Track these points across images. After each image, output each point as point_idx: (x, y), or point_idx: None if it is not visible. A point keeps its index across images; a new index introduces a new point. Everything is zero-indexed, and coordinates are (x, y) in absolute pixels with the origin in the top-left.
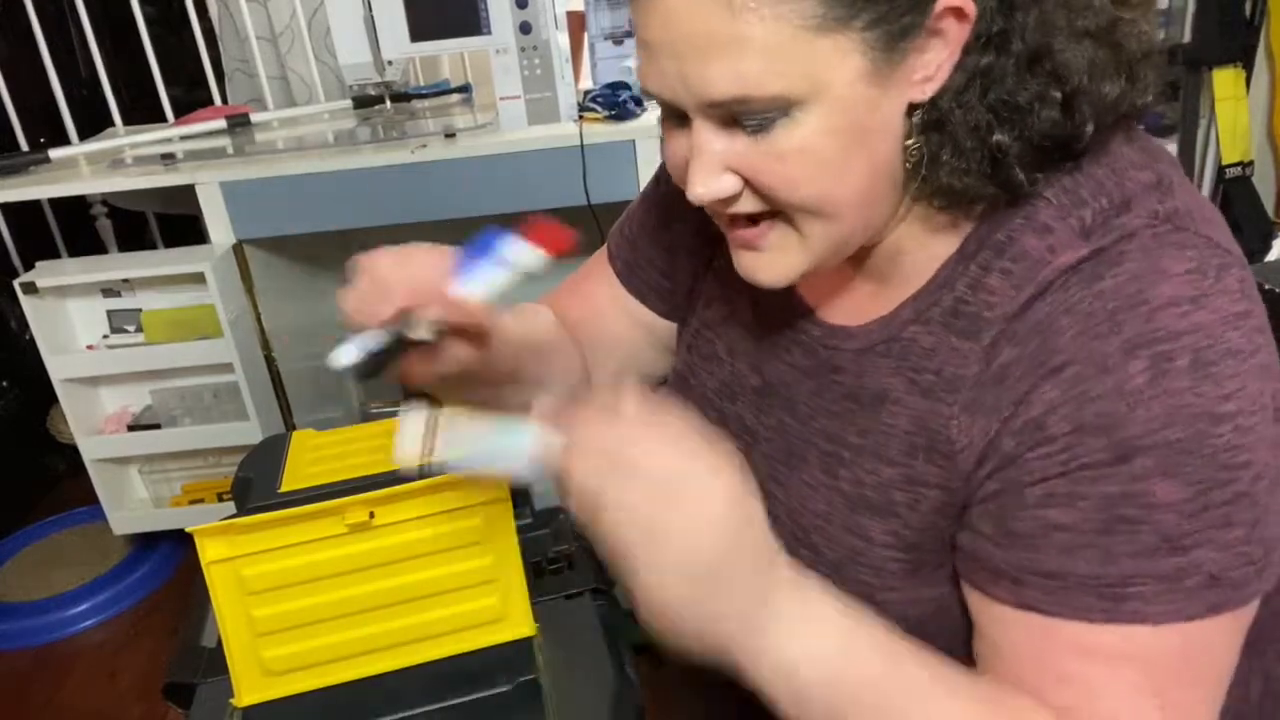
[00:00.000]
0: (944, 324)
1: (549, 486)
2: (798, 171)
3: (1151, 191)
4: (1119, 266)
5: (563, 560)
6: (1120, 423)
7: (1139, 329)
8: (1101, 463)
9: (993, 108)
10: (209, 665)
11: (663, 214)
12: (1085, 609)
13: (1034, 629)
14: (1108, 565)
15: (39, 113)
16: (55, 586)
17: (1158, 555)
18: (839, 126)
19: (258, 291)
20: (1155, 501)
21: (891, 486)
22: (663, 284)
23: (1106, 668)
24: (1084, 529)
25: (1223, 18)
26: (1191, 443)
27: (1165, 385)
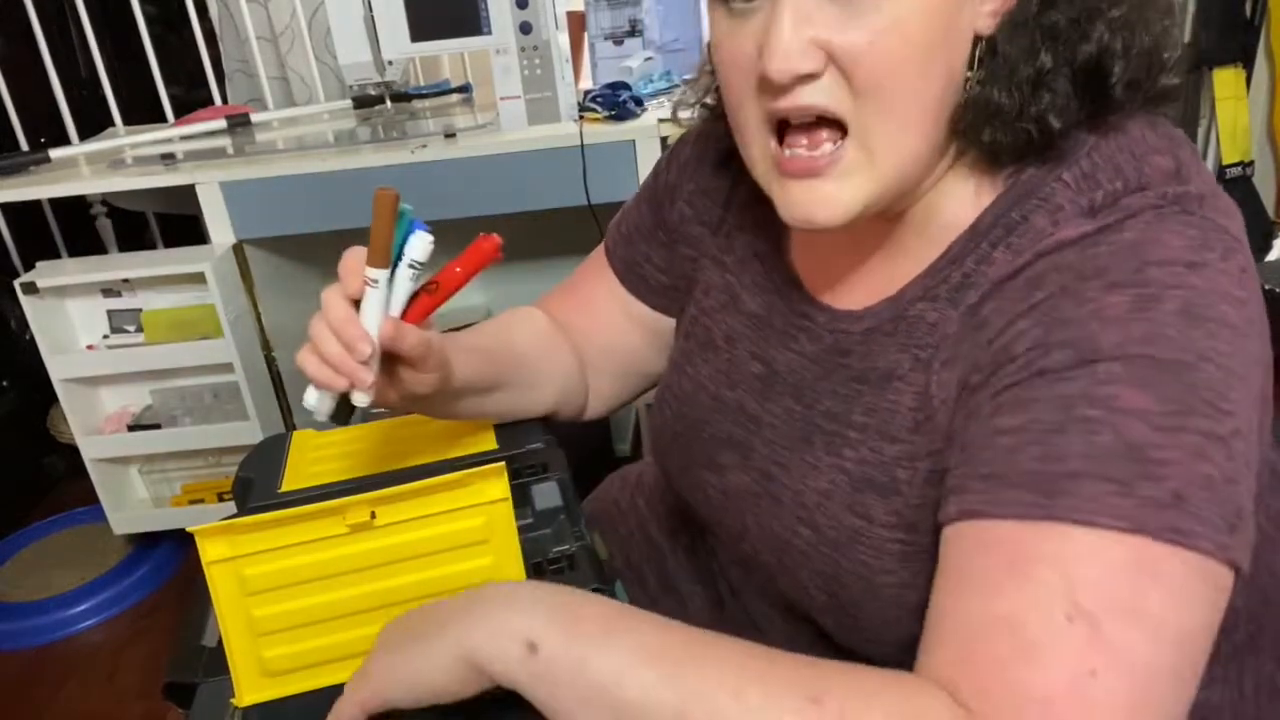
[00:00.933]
0: (950, 300)
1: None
2: (889, 43)
3: (1168, 178)
4: (1118, 235)
5: (563, 560)
6: (1091, 340)
7: (1126, 275)
8: (1062, 366)
9: (1044, 28)
10: (209, 665)
11: (660, 206)
12: (1020, 504)
13: (965, 538)
14: (1052, 462)
15: (39, 113)
16: (55, 586)
17: (1114, 458)
18: (934, 11)
19: (258, 291)
20: (1120, 405)
21: (895, 464)
22: (661, 280)
23: (1022, 570)
24: (1032, 429)
25: (1223, 18)
26: (1171, 365)
27: (1147, 315)
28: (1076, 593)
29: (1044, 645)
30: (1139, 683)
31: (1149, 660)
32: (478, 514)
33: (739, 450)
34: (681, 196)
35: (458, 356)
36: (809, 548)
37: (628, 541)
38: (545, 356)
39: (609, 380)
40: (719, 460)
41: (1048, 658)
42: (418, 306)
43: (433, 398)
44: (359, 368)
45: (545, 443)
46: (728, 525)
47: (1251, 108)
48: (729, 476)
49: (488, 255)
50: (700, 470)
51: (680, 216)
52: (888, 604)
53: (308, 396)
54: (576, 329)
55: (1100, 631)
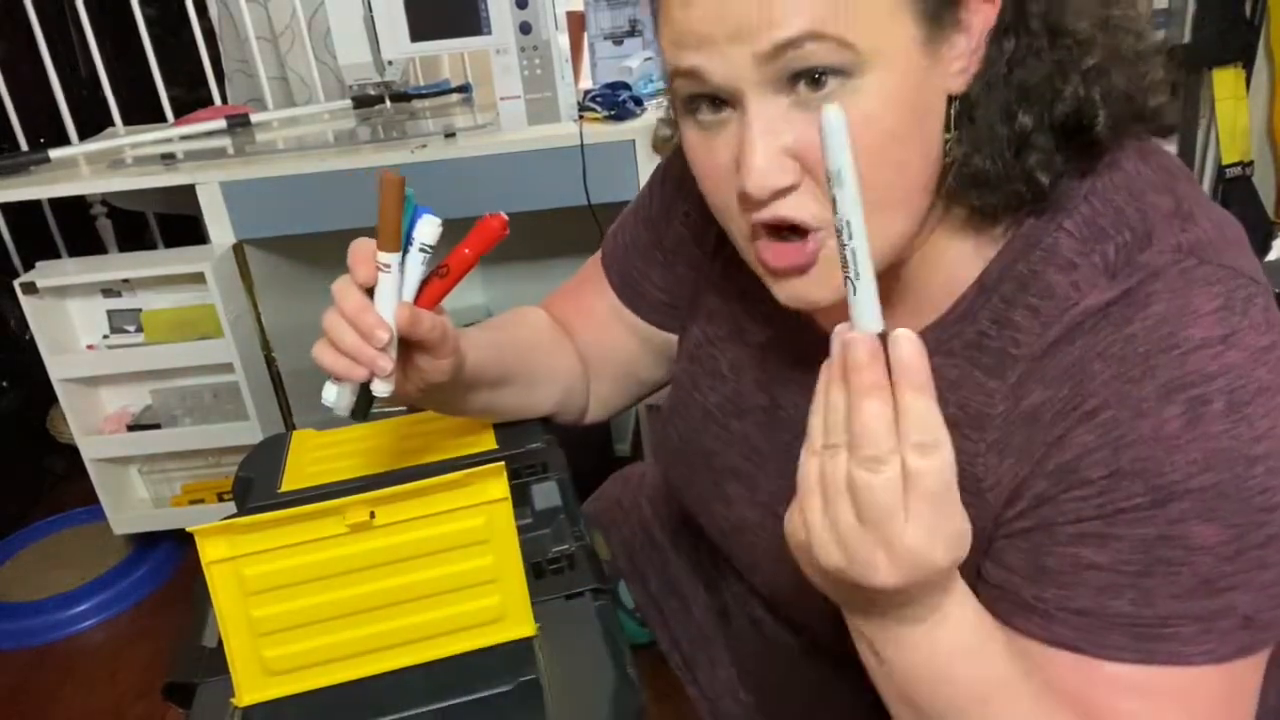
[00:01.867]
0: (968, 358)
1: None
2: (862, 145)
3: (1172, 220)
4: (1147, 309)
5: (563, 560)
6: (1158, 468)
7: (1173, 373)
8: (1139, 506)
9: (1017, 87)
10: (209, 665)
11: (656, 227)
12: (1119, 648)
13: (1069, 665)
14: (1145, 606)
15: (39, 113)
16: (55, 586)
17: (1195, 597)
18: (899, 97)
19: (258, 291)
20: (1194, 544)
21: None
22: (659, 297)
23: (1150, 703)
24: (1121, 569)
25: (1223, 18)
26: (1228, 485)
27: (1201, 429)
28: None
29: None
30: None
31: None
32: (478, 514)
33: (745, 484)
34: (677, 217)
35: (469, 346)
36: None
37: (630, 542)
38: (550, 354)
39: (609, 385)
40: (727, 491)
41: None
42: (430, 291)
43: (446, 389)
44: (378, 355)
45: (545, 443)
46: (739, 557)
47: (1251, 108)
48: (736, 510)
49: (495, 234)
50: (709, 499)
51: (678, 238)
52: None
53: (326, 393)
54: (578, 333)
55: None
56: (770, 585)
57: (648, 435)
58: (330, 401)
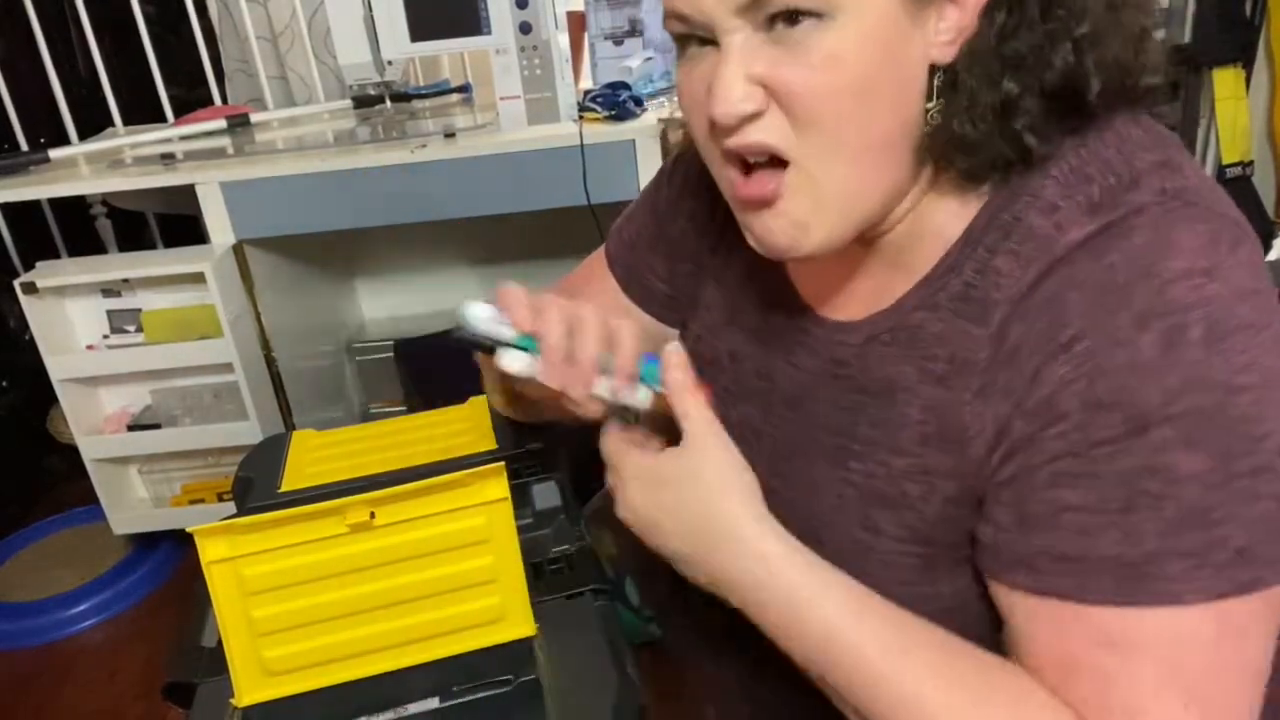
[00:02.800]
0: (953, 309)
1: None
2: (824, 79)
3: (1159, 169)
4: (1127, 239)
5: (563, 560)
6: (1133, 396)
7: (1150, 301)
8: (1117, 438)
9: (1005, 58)
10: (209, 665)
11: (663, 219)
12: (1107, 591)
13: (1053, 616)
14: (1129, 545)
15: (39, 113)
16: (55, 586)
17: (1183, 530)
18: (873, 41)
19: (258, 291)
20: (1177, 474)
21: (904, 477)
22: (663, 290)
23: (1125, 658)
24: (1103, 508)
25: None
26: (1210, 410)
27: (1178, 355)
28: (1185, 678)
29: None
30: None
31: (1244, 706)
32: (478, 514)
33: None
34: (683, 213)
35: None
36: None
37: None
38: None
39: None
40: None
41: None
42: None
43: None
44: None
45: (545, 443)
46: None
47: (1251, 108)
48: None
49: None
50: None
51: (681, 232)
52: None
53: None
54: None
55: (1209, 707)
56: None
57: None
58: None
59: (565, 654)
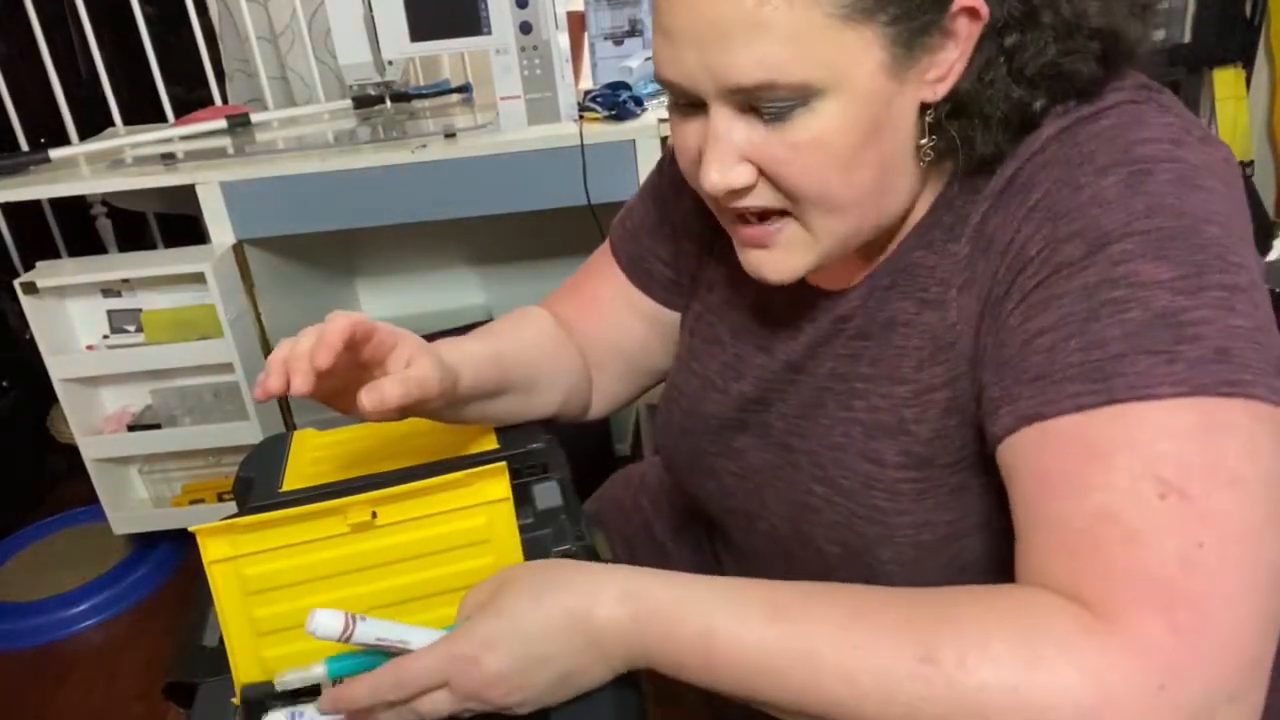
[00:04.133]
0: (945, 238)
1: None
2: (812, 162)
3: (1137, 87)
4: (1097, 123)
5: None
6: (1095, 225)
7: (1114, 156)
8: (1077, 258)
9: (1030, 78)
10: (209, 665)
11: (665, 202)
12: (1077, 395)
13: (1032, 442)
14: (1095, 349)
15: (39, 113)
16: (55, 586)
17: (1152, 330)
18: (856, 119)
19: (258, 291)
20: (1141, 279)
21: (902, 405)
22: (666, 274)
23: (1103, 460)
24: (1067, 323)
25: (1223, 18)
26: (1175, 230)
27: (1144, 188)
28: (1160, 470)
29: (1147, 530)
30: (1242, 540)
31: (1245, 517)
32: (478, 514)
33: (754, 432)
34: (687, 192)
35: (464, 365)
36: (823, 503)
37: (631, 542)
38: (551, 359)
39: (615, 378)
40: (734, 445)
41: (1154, 541)
42: None
43: (438, 408)
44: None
45: (545, 443)
46: (744, 509)
47: (1251, 108)
48: (749, 457)
49: None
50: (713, 459)
51: (686, 212)
52: (904, 546)
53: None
54: (582, 328)
55: (1194, 502)
56: (775, 527)
57: (648, 434)
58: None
59: None
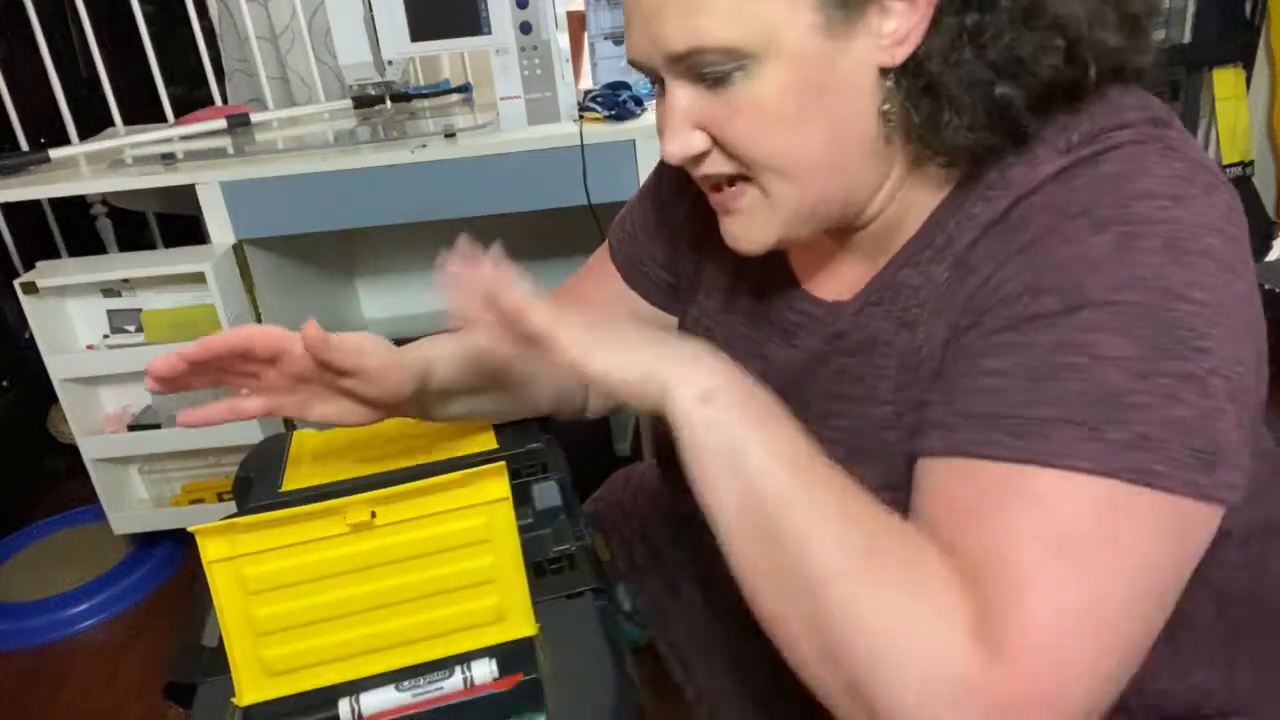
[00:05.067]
0: (932, 259)
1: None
2: (755, 125)
3: (1144, 122)
4: (1097, 168)
5: (563, 560)
6: (1076, 282)
7: (1111, 211)
8: (1050, 313)
9: (993, 63)
10: (209, 665)
11: (664, 206)
12: (998, 445)
13: (952, 471)
14: (1029, 407)
15: (39, 113)
16: (55, 586)
17: (1090, 405)
18: (794, 81)
19: (258, 291)
20: (1099, 353)
21: (881, 426)
22: (664, 278)
23: (1006, 507)
24: (1017, 373)
25: (1223, 18)
26: (1151, 308)
27: (1130, 258)
28: (1053, 532)
29: (1030, 579)
30: (1109, 614)
31: (1120, 593)
32: (478, 514)
33: None
34: (687, 197)
35: (439, 360)
36: None
37: (630, 543)
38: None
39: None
40: None
41: (1034, 591)
42: None
43: (415, 402)
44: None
45: (545, 442)
46: None
47: (1251, 108)
48: None
49: None
50: None
51: (686, 215)
52: None
53: None
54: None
55: (1075, 568)
56: None
57: (648, 434)
58: None
59: (565, 654)
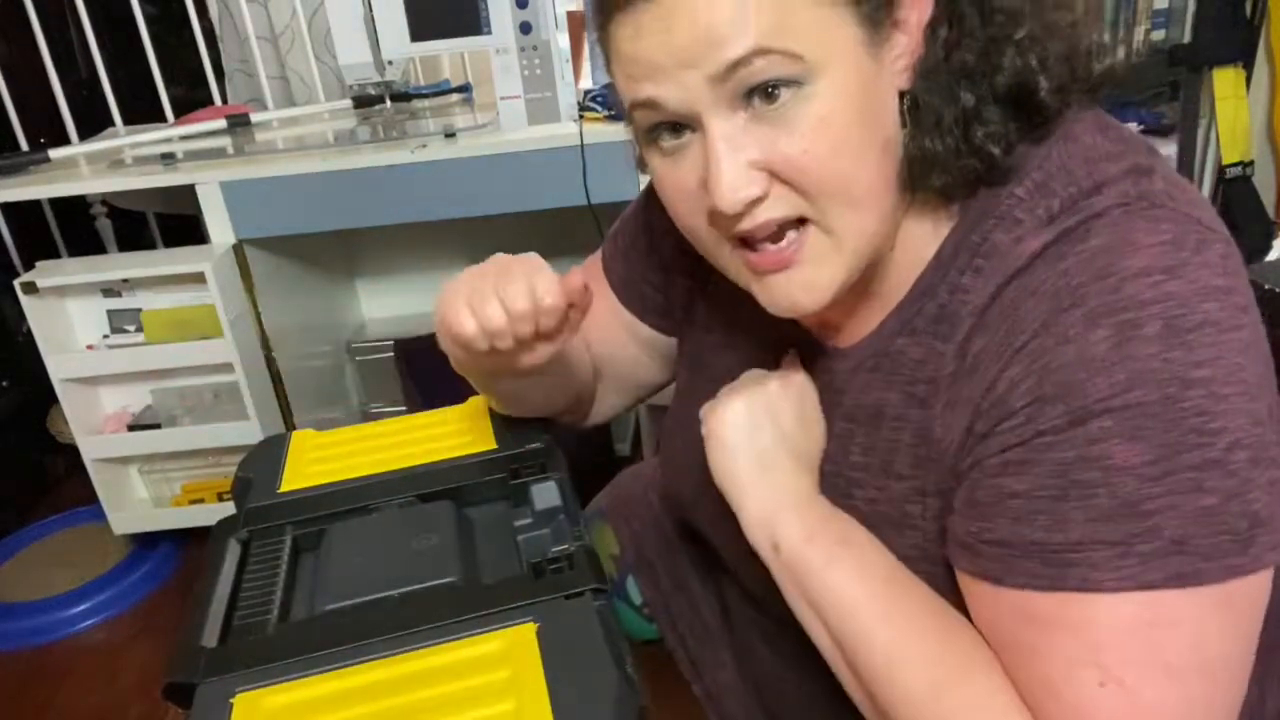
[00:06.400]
0: (931, 332)
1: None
2: (822, 145)
3: (1126, 176)
4: (1084, 243)
5: (563, 560)
6: (1079, 389)
7: (1104, 299)
8: (1058, 428)
9: (955, 70)
10: (209, 665)
11: (653, 233)
12: (1030, 575)
13: (986, 596)
14: (1056, 531)
15: (39, 113)
16: (55, 586)
17: (1113, 520)
18: (851, 93)
19: (258, 291)
20: (1113, 464)
21: (904, 500)
22: (658, 300)
23: (1045, 634)
24: (1037, 495)
25: (1223, 18)
26: (1157, 406)
27: (1129, 351)
28: (1100, 657)
29: (1086, 711)
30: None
31: (1182, 705)
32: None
33: None
34: (673, 230)
35: None
36: None
37: (640, 535)
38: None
39: (611, 389)
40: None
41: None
42: None
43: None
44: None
45: (545, 443)
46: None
47: (1251, 108)
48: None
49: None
50: (707, 502)
51: (673, 249)
52: None
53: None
54: (592, 340)
55: (1131, 692)
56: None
57: (648, 435)
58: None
59: (565, 654)
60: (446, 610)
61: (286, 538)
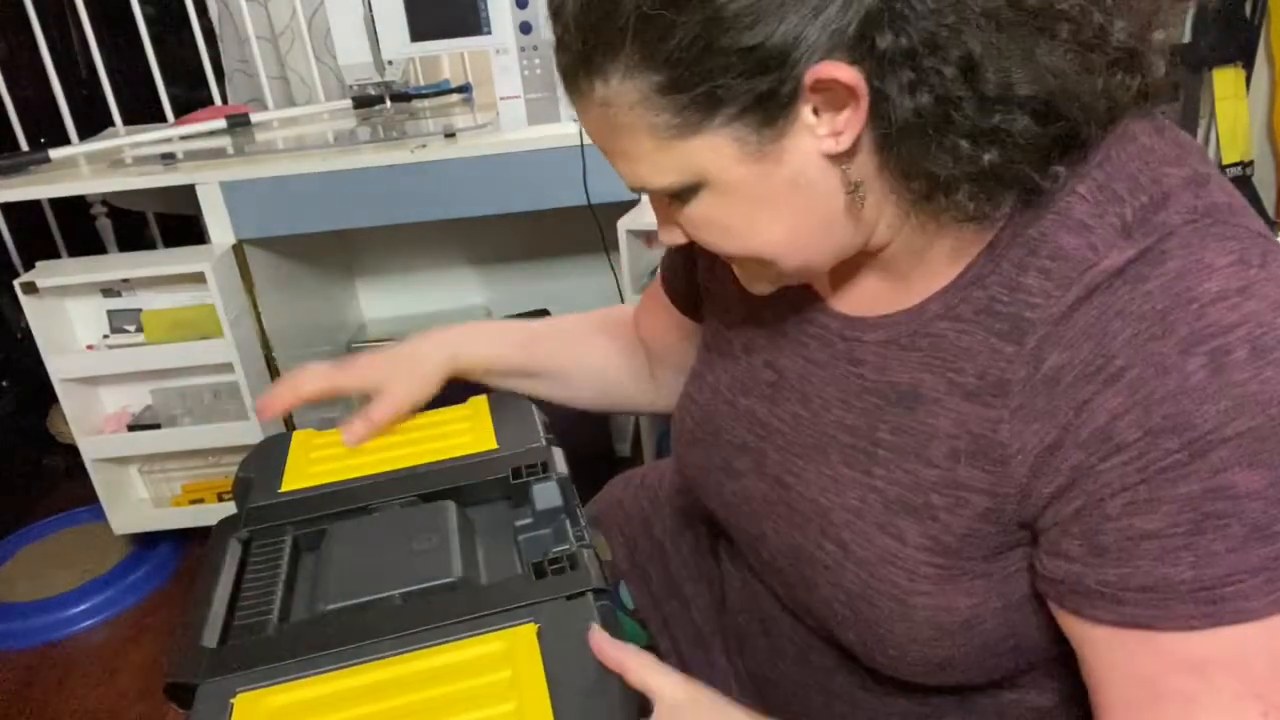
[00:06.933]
0: (979, 323)
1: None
2: (714, 235)
3: (1188, 186)
4: (1162, 266)
5: (564, 560)
6: (1189, 420)
7: (1192, 326)
8: (1179, 463)
9: (968, 136)
10: (209, 665)
11: None
12: (1188, 617)
13: (1134, 646)
14: (1205, 568)
15: (39, 113)
16: (55, 586)
17: (1249, 547)
18: (733, 201)
19: (258, 291)
20: (1239, 492)
21: (931, 489)
22: (692, 293)
23: (1205, 677)
24: (1173, 533)
25: (1223, 18)
26: (1264, 429)
27: (1227, 378)
28: (1261, 688)
29: None
30: None
31: None
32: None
33: (752, 456)
34: None
35: (485, 350)
36: (835, 564)
37: (631, 542)
38: (582, 351)
39: (673, 375)
40: (735, 465)
41: None
42: None
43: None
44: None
45: (545, 443)
46: (745, 530)
47: (1251, 108)
48: (744, 482)
49: None
50: (718, 474)
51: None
52: (921, 624)
53: None
54: (644, 328)
55: (1272, 701)
56: (774, 558)
57: (648, 436)
58: None
59: (565, 654)
60: (447, 611)
61: (287, 538)
